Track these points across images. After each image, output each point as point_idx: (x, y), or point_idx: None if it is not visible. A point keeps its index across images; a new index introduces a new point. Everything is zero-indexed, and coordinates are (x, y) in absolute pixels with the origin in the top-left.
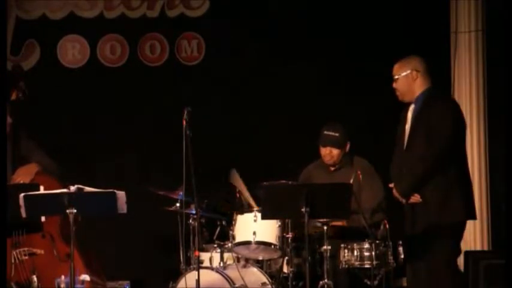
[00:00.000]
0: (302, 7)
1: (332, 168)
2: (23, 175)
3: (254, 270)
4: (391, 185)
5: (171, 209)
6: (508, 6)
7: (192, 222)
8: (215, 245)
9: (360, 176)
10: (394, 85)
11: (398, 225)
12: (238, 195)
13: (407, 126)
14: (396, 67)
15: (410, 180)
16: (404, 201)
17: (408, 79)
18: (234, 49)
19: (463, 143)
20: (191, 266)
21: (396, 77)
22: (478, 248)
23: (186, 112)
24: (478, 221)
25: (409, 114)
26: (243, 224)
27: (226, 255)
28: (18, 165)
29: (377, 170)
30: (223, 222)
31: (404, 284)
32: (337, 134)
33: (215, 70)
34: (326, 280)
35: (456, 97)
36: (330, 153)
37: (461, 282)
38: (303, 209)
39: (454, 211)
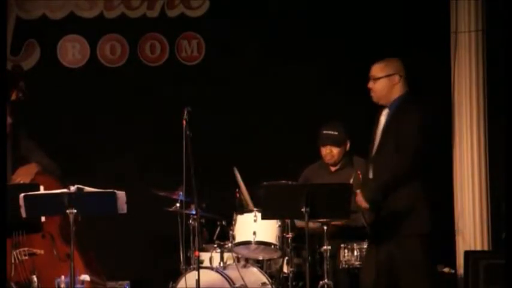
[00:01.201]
0: (302, 7)
1: (333, 169)
2: (23, 175)
3: (254, 270)
4: (358, 191)
5: (171, 209)
6: (508, 6)
7: (192, 222)
8: (215, 245)
9: (360, 176)
10: (372, 86)
11: None
12: (237, 195)
13: (379, 131)
14: (377, 68)
15: (375, 187)
16: (367, 206)
17: (389, 82)
18: (234, 49)
19: (432, 152)
20: (191, 266)
21: (377, 77)
22: (478, 248)
23: (186, 112)
24: (478, 221)
25: (382, 119)
26: (243, 224)
27: (226, 255)
28: (18, 165)
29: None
30: (223, 222)
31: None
32: (336, 133)
33: (215, 70)
34: (326, 280)
35: (456, 97)
36: (330, 153)
37: None
38: (303, 209)
39: (422, 222)
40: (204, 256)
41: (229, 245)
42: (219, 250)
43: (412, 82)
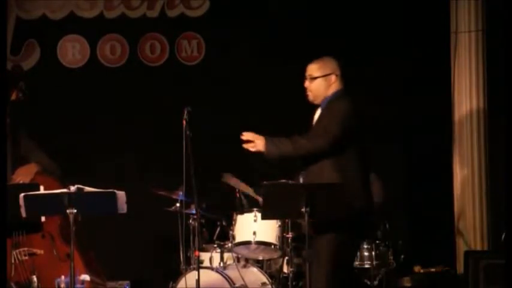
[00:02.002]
0: (302, 7)
1: None
2: (23, 175)
3: (254, 270)
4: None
5: (171, 209)
6: (508, 6)
7: (192, 222)
8: (215, 245)
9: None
10: (308, 85)
11: (399, 225)
12: (237, 195)
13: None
14: (314, 67)
15: (279, 144)
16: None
17: (326, 82)
18: (234, 49)
19: (357, 147)
20: (191, 266)
21: (314, 77)
22: (478, 248)
23: (186, 112)
24: (478, 221)
25: (315, 117)
26: (243, 224)
27: (226, 255)
28: (18, 165)
29: (377, 170)
30: (223, 222)
31: (405, 284)
32: None
33: (215, 70)
34: None
35: (456, 97)
36: None
37: None
38: (303, 209)
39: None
40: (204, 256)
41: (229, 245)
42: (219, 250)
43: (412, 82)
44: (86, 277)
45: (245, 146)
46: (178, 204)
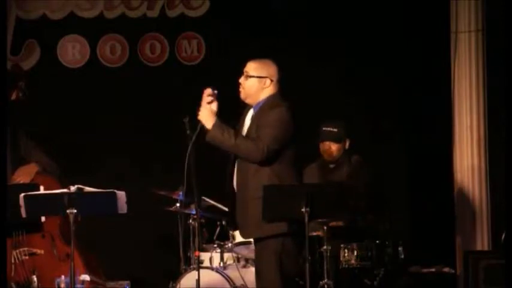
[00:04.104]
0: (302, 7)
1: (331, 166)
2: (23, 175)
3: (254, 270)
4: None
5: (171, 209)
6: (508, 6)
7: (192, 222)
8: (215, 245)
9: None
10: (242, 82)
11: (398, 225)
12: None
13: (243, 132)
14: (253, 65)
15: (224, 133)
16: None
17: (260, 84)
18: (234, 49)
19: (293, 150)
20: (191, 266)
21: (250, 74)
22: (478, 248)
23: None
24: (478, 221)
25: (247, 118)
26: None
27: (226, 255)
28: (18, 165)
29: (376, 171)
30: (223, 222)
31: (404, 283)
32: (335, 129)
33: (215, 70)
34: (326, 280)
35: (456, 97)
36: (329, 149)
37: None
38: (303, 209)
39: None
40: (204, 256)
41: (229, 245)
42: (219, 250)
43: (412, 82)
44: (86, 277)
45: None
46: (178, 204)
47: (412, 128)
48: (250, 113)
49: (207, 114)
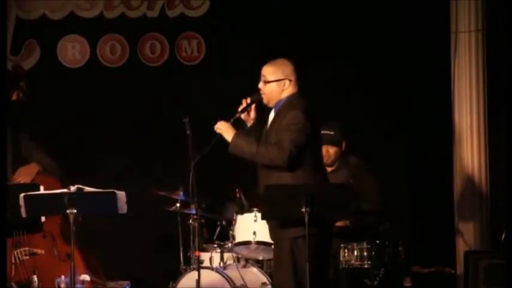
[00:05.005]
0: (302, 7)
1: (329, 169)
2: (23, 175)
3: (254, 270)
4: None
5: (171, 209)
6: (508, 6)
7: (192, 222)
8: (215, 245)
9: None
10: (262, 87)
11: (398, 225)
12: (237, 195)
13: (265, 131)
14: (269, 69)
15: (246, 143)
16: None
17: (279, 87)
18: (234, 49)
19: (312, 151)
20: (191, 266)
21: (268, 79)
22: (478, 248)
23: (186, 121)
24: (478, 221)
25: (270, 117)
26: (243, 224)
27: (226, 255)
28: (19, 165)
29: (376, 171)
30: (223, 222)
31: (405, 284)
32: (332, 132)
33: (215, 70)
34: None
35: (456, 97)
36: (327, 153)
37: None
38: (303, 209)
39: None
40: (204, 256)
41: (229, 245)
42: (219, 250)
43: (412, 82)
44: (86, 277)
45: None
46: (178, 204)
47: (412, 128)
48: (272, 114)
49: (226, 126)
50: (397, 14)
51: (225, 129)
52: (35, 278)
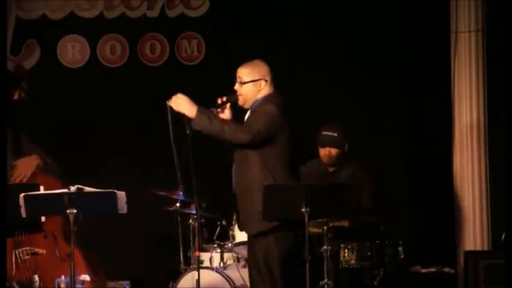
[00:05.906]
0: (302, 7)
1: (331, 169)
2: (23, 166)
3: None
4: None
5: (171, 209)
6: (508, 6)
7: (192, 222)
8: (215, 245)
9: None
10: (238, 88)
11: (398, 225)
12: None
13: None
14: (245, 71)
15: (210, 120)
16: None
17: (255, 87)
18: (234, 49)
19: (283, 150)
20: (191, 266)
21: (244, 80)
22: (478, 248)
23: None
24: (478, 221)
25: (246, 117)
26: None
27: (226, 255)
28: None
29: (376, 171)
30: (223, 222)
31: (405, 283)
32: (335, 134)
33: (215, 70)
34: (326, 280)
35: (456, 97)
36: (329, 154)
37: None
38: (303, 209)
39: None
40: (204, 256)
41: (229, 245)
42: (219, 250)
43: (412, 82)
44: (86, 277)
45: (168, 102)
46: (178, 204)
47: (411, 128)
48: (248, 114)
49: (186, 100)
50: (397, 14)
51: (184, 103)
52: (36, 278)
